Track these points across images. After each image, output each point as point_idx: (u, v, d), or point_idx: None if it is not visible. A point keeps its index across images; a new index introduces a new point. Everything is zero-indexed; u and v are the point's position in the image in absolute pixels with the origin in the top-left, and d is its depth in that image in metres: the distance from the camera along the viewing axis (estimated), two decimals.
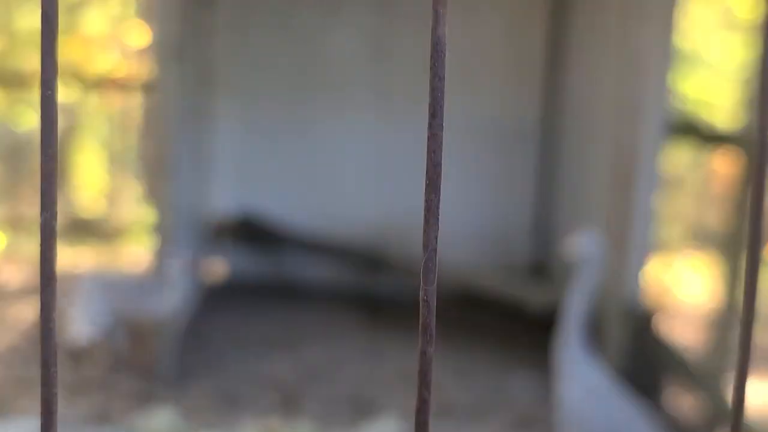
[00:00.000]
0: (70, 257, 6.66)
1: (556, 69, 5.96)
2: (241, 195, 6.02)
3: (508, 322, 5.48)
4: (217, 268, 6.25)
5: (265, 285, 5.98)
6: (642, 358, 4.42)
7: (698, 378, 3.64)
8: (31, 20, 7.64)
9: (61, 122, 7.80)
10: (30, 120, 7.22)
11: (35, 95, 7.04)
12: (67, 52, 7.58)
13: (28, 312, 5.21)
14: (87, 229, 7.12)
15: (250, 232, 5.99)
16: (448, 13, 0.46)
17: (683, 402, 4.23)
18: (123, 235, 6.90)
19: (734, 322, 3.53)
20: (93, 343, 3.93)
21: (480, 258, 5.91)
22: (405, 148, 6.08)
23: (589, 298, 2.73)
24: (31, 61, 7.48)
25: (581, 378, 2.70)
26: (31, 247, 6.73)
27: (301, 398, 4.06)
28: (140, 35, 7.07)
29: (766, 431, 3.25)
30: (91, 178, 7.58)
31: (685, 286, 6.63)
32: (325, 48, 5.94)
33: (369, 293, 5.86)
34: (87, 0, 7.60)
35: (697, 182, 7.90)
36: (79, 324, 3.87)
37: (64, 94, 7.34)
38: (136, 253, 6.75)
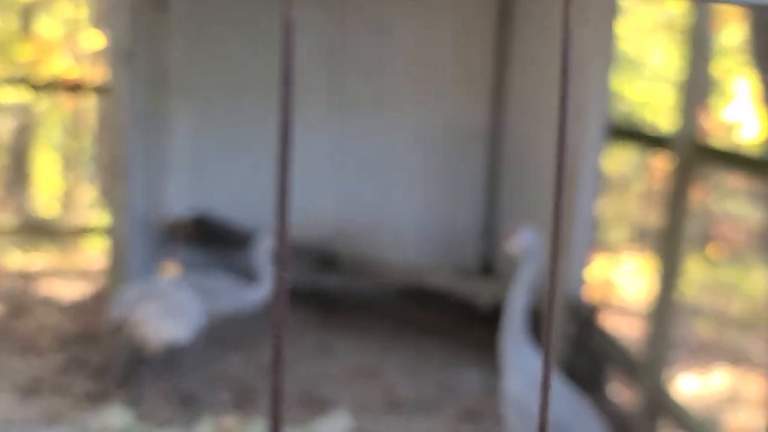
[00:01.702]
0: (24, 259, 6.52)
1: (503, 76, 6.03)
2: (195, 196, 5.96)
3: (456, 320, 5.52)
4: (172, 268, 6.17)
5: None
6: (585, 351, 4.49)
7: (638, 371, 3.71)
8: None
9: (14, 125, 7.63)
10: None
11: None
12: (20, 54, 7.42)
13: None
14: (41, 231, 6.99)
15: (204, 232, 5.93)
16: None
17: (624, 394, 4.31)
18: (78, 237, 6.77)
19: (670, 317, 3.61)
20: (183, 345, 3.81)
21: (430, 259, 5.95)
22: (357, 149, 6.09)
23: (530, 291, 2.77)
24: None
25: (525, 371, 2.73)
26: None
27: (254, 397, 4.04)
28: (94, 38, 6.95)
29: (706, 421, 3.33)
30: (46, 181, 7.43)
31: (627, 283, 6.76)
32: (279, 50, 5.90)
33: (322, 291, 5.85)
34: (41, 3, 7.45)
35: (640, 184, 8.07)
36: (169, 327, 3.72)
37: (17, 96, 7.18)
38: (91, 255, 6.64)
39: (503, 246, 2.87)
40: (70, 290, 5.75)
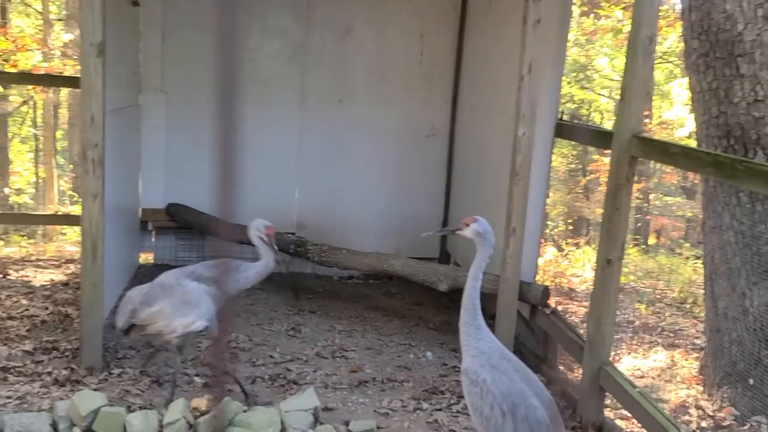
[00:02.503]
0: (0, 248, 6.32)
1: (463, 79, 6.05)
2: (168, 186, 5.85)
3: (417, 304, 5.53)
4: (145, 256, 6.06)
5: None
6: (536, 331, 4.53)
7: (584, 348, 3.74)
8: None
9: None
10: None
11: None
12: None
13: None
14: (15, 220, 6.76)
15: (176, 222, 5.83)
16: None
17: (573, 371, 4.36)
18: (51, 225, 6.57)
19: (613, 300, 3.64)
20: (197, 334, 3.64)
21: (393, 247, 5.94)
22: (321, 143, 6.04)
23: (481, 275, 2.77)
24: None
25: (483, 352, 2.72)
26: None
27: (225, 379, 3.96)
28: (68, 32, 6.75)
29: (647, 396, 3.37)
30: (20, 171, 7.21)
31: (574, 269, 6.85)
32: (249, 48, 5.84)
33: (292, 278, 5.79)
34: None
35: (589, 179, 8.17)
36: (185, 318, 3.55)
37: None
38: (64, 244, 6.46)
39: (459, 233, 2.85)
40: (42, 277, 5.59)
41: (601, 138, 4.31)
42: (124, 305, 3.63)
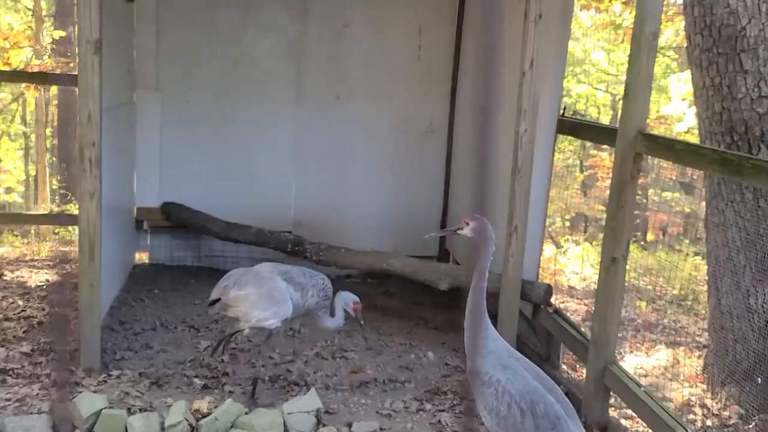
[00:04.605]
0: None
1: (462, 75, 6.05)
2: (163, 185, 5.84)
3: (418, 303, 5.53)
4: (141, 256, 6.04)
5: (187, 271, 5.84)
6: (540, 330, 4.54)
7: (587, 347, 3.76)
8: None
9: None
10: None
11: None
12: None
13: None
14: (11, 220, 6.73)
15: (172, 221, 5.82)
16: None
17: (576, 370, 4.39)
18: (44, 226, 6.54)
19: (616, 298, 3.66)
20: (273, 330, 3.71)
21: (392, 245, 5.94)
22: (318, 140, 6.03)
23: (486, 274, 2.77)
24: None
25: (493, 352, 2.73)
26: None
27: (226, 380, 3.97)
28: (59, 28, 6.71)
29: (650, 395, 3.39)
30: (10, 170, 7.18)
31: (576, 268, 6.87)
32: (245, 47, 5.82)
33: None
34: None
35: (587, 175, 8.19)
36: (265, 311, 3.61)
37: None
38: (59, 244, 6.44)
39: (459, 233, 2.85)
40: (38, 278, 5.57)
41: (604, 134, 4.33)
42: (224, 280, 3.76)
